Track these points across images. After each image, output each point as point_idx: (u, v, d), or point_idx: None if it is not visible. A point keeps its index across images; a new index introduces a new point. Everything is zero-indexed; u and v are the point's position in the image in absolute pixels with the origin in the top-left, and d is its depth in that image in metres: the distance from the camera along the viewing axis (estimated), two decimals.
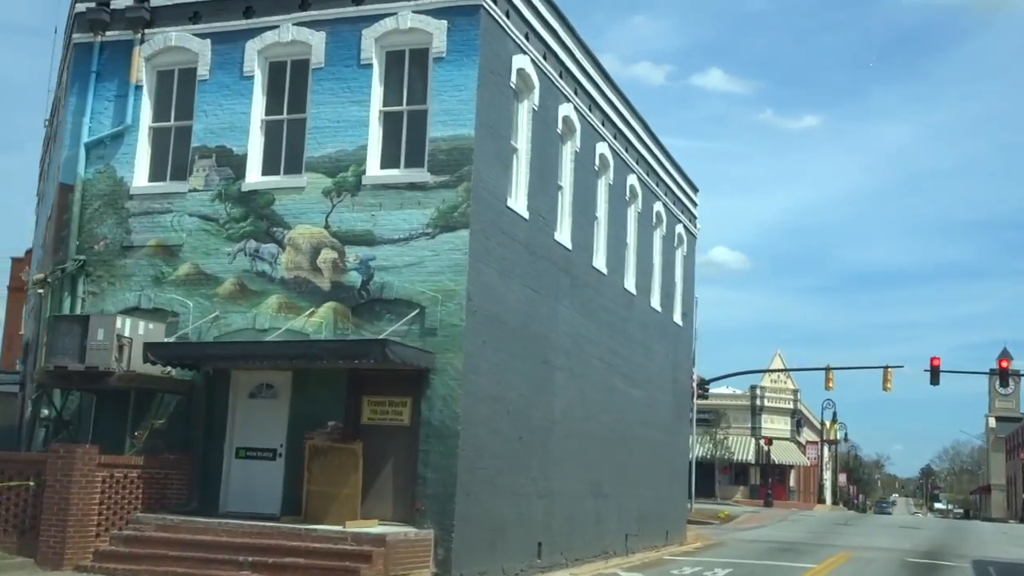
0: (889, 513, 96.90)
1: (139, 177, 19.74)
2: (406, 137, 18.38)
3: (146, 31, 19.92)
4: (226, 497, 18.24)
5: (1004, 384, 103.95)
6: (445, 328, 17.32)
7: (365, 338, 17.14)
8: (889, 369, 56.57)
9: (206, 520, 16.83)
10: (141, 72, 19.88)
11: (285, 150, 19.08)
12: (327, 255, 18.15)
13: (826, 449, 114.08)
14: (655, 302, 29.38)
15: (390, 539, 15.76)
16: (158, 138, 19.98)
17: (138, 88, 19.89)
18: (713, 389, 77.84)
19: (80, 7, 20.40)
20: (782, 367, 73.26)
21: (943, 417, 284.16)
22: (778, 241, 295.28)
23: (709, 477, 75.28)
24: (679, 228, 31.89)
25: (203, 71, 19.45)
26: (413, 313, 17.44)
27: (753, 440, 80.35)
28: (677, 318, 31.85)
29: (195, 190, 19.19)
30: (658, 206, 29.43)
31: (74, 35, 20.59)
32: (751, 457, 79.68)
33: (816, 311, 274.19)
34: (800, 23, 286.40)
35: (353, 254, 18.02)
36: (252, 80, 19.17)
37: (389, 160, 18.38)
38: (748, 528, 45.97)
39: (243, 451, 18.38)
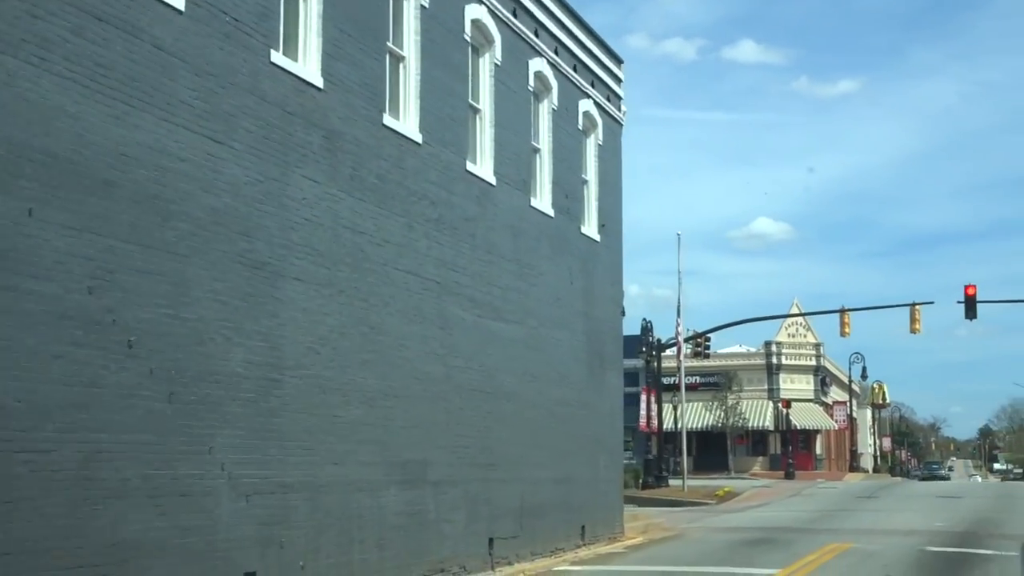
0: (944, 477, 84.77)
1: None
2: None
3: None
4: None
5: None
6: None
7: None
8: (916, 307, 47.46)
9: None
10: None
11: None
12: None
13: (869, 413, 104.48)
14: (541, 203, 20.55)
15: None
16: None
17: None
18: (722, 348, 68.97)
19: None
20: (798, 313, 63.70)
21: (1003, 375, 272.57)
22: (824, 209, 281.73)
23: (720, 448, 66.01)
24: (586, 105, 22.93)
25: None
26: None
27: (771, 404, 70.71)
28: (589, 230, 22.94)
29: None
30: (539, 65, 20.53)
31: None
32: (769, 423, 69.99)
33: (865, 278, 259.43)
34: None
35: None
36: None
37: None
38: (743, 508, 36.99)
39: None
